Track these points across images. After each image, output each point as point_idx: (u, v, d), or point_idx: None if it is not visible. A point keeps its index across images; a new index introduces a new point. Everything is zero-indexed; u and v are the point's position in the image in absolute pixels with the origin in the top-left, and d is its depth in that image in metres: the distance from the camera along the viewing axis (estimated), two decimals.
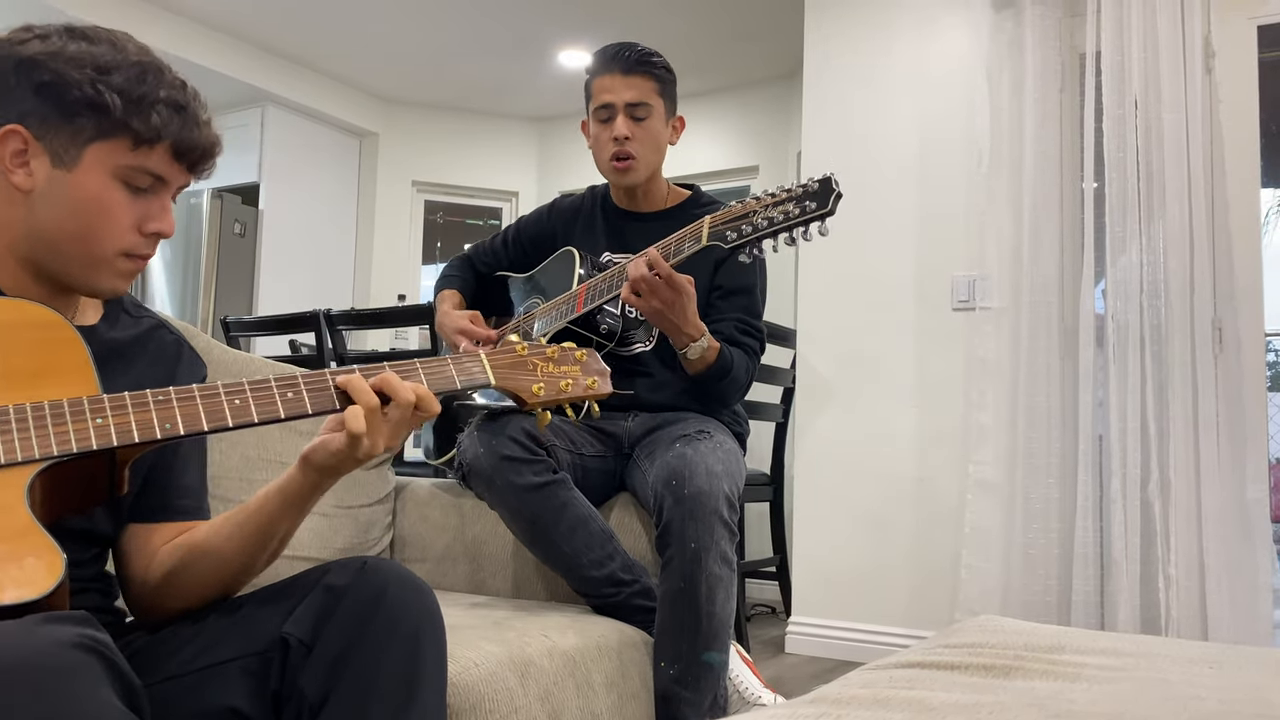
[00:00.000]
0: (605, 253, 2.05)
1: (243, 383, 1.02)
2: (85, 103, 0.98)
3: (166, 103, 1.01)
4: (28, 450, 0.90)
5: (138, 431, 0.94)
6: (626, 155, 1.98)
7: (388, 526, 2.06)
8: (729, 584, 1.63)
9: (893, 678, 0.79)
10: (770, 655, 3.30)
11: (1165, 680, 0.79)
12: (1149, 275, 2.78)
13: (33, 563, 0.86)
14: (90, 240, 1.01)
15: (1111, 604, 2.73)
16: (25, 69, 0.98)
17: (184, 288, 5.00)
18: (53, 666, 0.73)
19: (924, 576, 3.19)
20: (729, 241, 1.61)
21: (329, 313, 3.44)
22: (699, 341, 1.78)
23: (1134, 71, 2.83)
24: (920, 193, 3.33)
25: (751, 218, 1.60)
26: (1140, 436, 2.75)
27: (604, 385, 1.21)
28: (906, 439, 3.27)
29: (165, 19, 4.59)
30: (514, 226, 2.22)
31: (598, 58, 2.03)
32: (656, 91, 2.00)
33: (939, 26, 3.34)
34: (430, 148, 5.82)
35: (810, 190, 1.55)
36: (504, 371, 1.16)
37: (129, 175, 1.01)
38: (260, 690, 0.98)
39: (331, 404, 1.04)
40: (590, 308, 1.84)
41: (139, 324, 1.17)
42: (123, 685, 0.78)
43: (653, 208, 2.09)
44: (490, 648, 1.36)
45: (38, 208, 1.00)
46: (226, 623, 1.03)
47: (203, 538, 1.09)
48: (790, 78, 4.87)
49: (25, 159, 0.99)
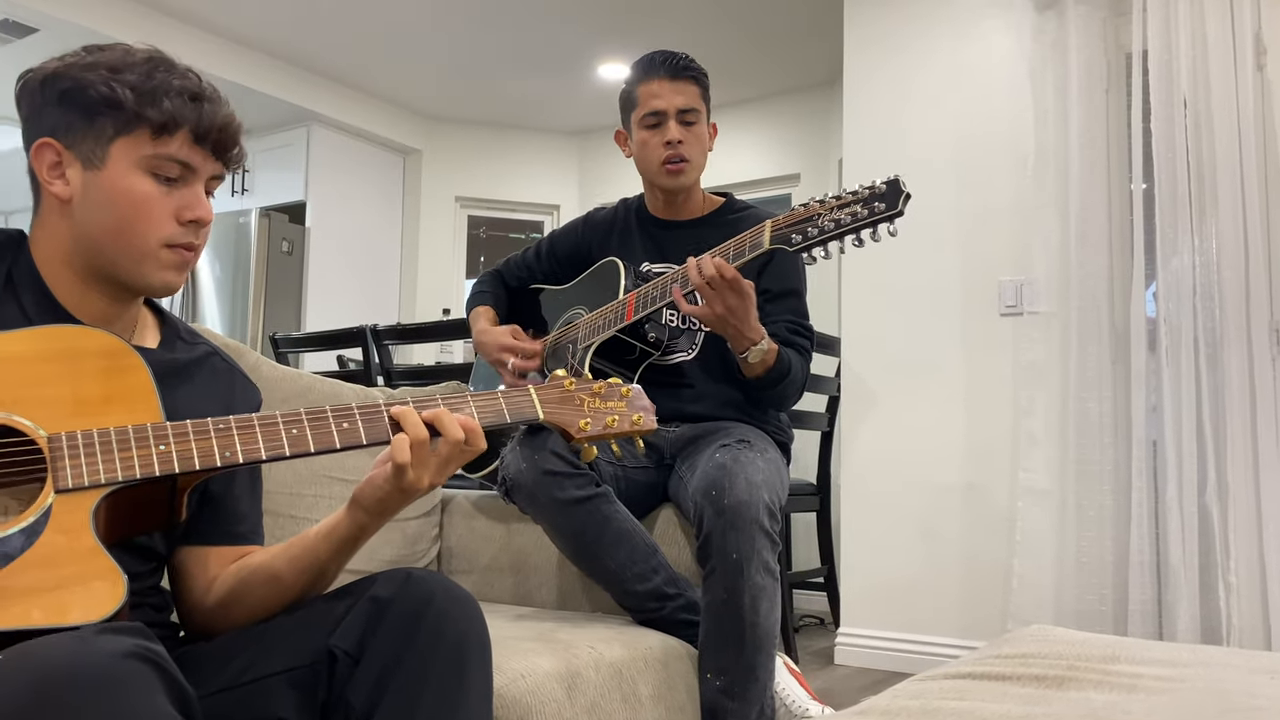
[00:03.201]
0: (645, 263, 2.05)
1: (300, 412, 1.04)
2: (102, 101, 1.02)
3: (179, 91, 1.04)
4: (94, 475, 0.93)
5: (198, 459, 0.97)
6: (680, 159, 2.00)
7: (434, 539, 2.08)
8: (772, 594, 1.62)
9: (943, 689, 0.78)
10: (819, 666, 3.27)
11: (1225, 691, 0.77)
12: (1201, 277, 2.72)
13: (98, 585, 0.88)
14: (130, 234, 1.04)
15: (1170, 613, 2.66)
16: (49, 84, 1.04)
17: (233, 306, 5.09)
18: (109, 676, 0.74)
19: (974, 586, 3.14)
20: (794, 245, 1.61)
21: (375, 328, 3.48)
22: (759, 345, 1.77)
23: (1182, 70, 2.78)
24: (964, 197, 3.29)
25: (816, 220, 1.59)
26: (1196, 441, 2.68)
27: (649, 421, 1.23)
28: (955, 447, 3.23)
29: (213, 42, 4.69)
30: (546, 240, 2.23)
31: (641, 66, 2.05)
32: (700, 97, 2.03)
33: (980, 29, 3.30)
34: (472, 163, 5.88)
35: (878, 192, 1.55)
36: (552, 406, 1.18)
37: (155, 165, 1.04)
38: (309, 702, 0.99)
39: (386, 434, 1.05)
40: (640, 316, 1.84)
41: (193, 350, 1.20)
42: (177, 694, 0.80)
43: (690, 215, 2.09)
44: (537, 659, 1.36)
45: (79, 213, 1.04)
46: (275, 635, 1.04)
47: (260, 565, 1.12)
48: (830, 84, 4.85)
49: (61, 169, 1.04)
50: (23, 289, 1.05)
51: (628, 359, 1.93)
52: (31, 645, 0.76)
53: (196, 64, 1.10)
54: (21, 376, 0.95)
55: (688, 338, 1.98)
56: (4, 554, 0.87)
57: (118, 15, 4.29)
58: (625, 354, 1.92)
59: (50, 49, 1.08)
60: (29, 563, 0.87)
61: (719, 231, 2.02)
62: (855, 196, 1.57)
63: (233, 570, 1.13)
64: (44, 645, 0.76)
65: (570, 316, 2.06)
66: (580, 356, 1.90)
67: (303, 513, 1.77)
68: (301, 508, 1.77)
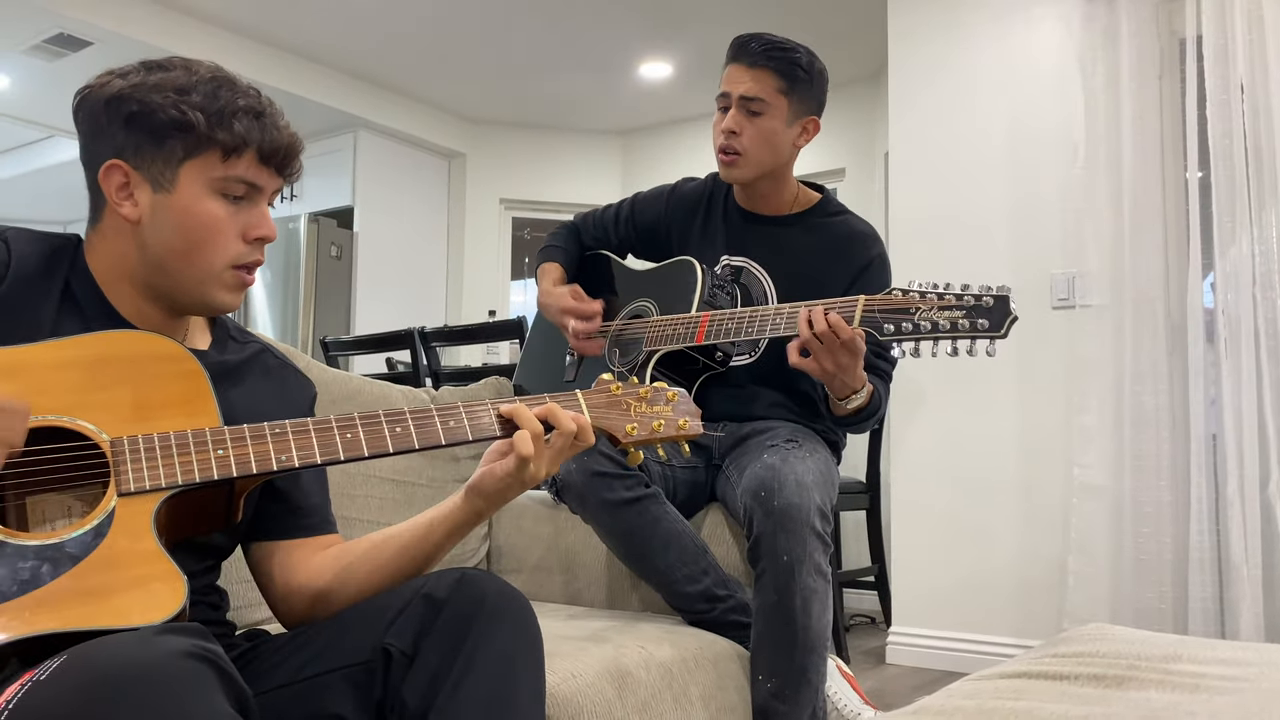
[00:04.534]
0: (723, 255, 1.98)
1: (354, 416, 1.06)
2: (172, 125, 1.03)
3: (245, 111, 1.06)
4: (155, 479, 0.95)
5: (255, 463, 1.00)
6: (731, 150, 1.89)
7: (484, 537, 2.09)
8: (824, 596, 1.60)
9: (999, 688, 0.77)
10: (871, 666, 3.24)
11: None
12: (1261, 266, 2.65)
13: (159, 587, 0.90)
14: (199, 256, 1.06)
15: (1232, 611, 2.60)
16: (113, 106, 1.04)
17: (284, 310, 5.18)
18: (169, 675, 0.76)
19: (1029, 584, 3.09)
20: (884, 334, 1.55)
21: (423, 330, 3.52)
22: (859, 393, 1.72)
23: (1238, 54, 2.71)
24: (1013, 190, 3.24)
25: (913, 315, 1.53)
26: (1258, 435, 2.62)
27: (695, 426, 1.24)
28: (1007, 443, 3.18)
29: (264, 52, 4.77)
30: (629, 203, 2.12)
31: (731, 45, 1.94)
32: (779, 89, 1.87)
33: (1027, 18, 3.25)
34: (516, 165, 5.92)
35: (984, 305, 1.49)
36: (600, 411, 1.20)
37: (224, 186, 1.06)
38: (364, 700, 1.00)
39: (437, 439, 1.08)
40: (710, 343, 1.79)
41: (245, 349, 1.22)
42: (235, 694, 0.81)
43: (777, 211, 1.98)
44: (587, 659, 1.36)
45: (147, 235, 1.05)
46: (331, 633, 1.06)
47: (365, 553, 1.16)
48: (875, 78, 4.80)
49: (129, 191, 1.05)
50: (82, 297, 1.07)
51: (689, 368, 1.89)
52: (92, 645, 0.78)
53: (247, 74, 1.12)
54: (82, 381, 0.97)
55: (749, 344, 1.92)
56: (71, 555, 0.89)
57: (169, 28, 4.37)
58: (688, 364, 1.88)
59: (104, 64, 1.10)
60: (94, 564, 0.89)
61: (806, 235, 1.95)
62: (960, 302, 1.50)
63: (330, 561, 1.17)
64: (105, 645, 0.77)
65: (637, 309, 1.98)
66: (643, 361, 1.87)
67: (354, 514, 1.79)
68: (353, 509, 1.80)
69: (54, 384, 0.96)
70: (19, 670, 0.80)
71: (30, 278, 1.04)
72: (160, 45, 4.31)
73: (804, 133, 1.95)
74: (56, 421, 0.95)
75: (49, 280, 1.05)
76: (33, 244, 1.06)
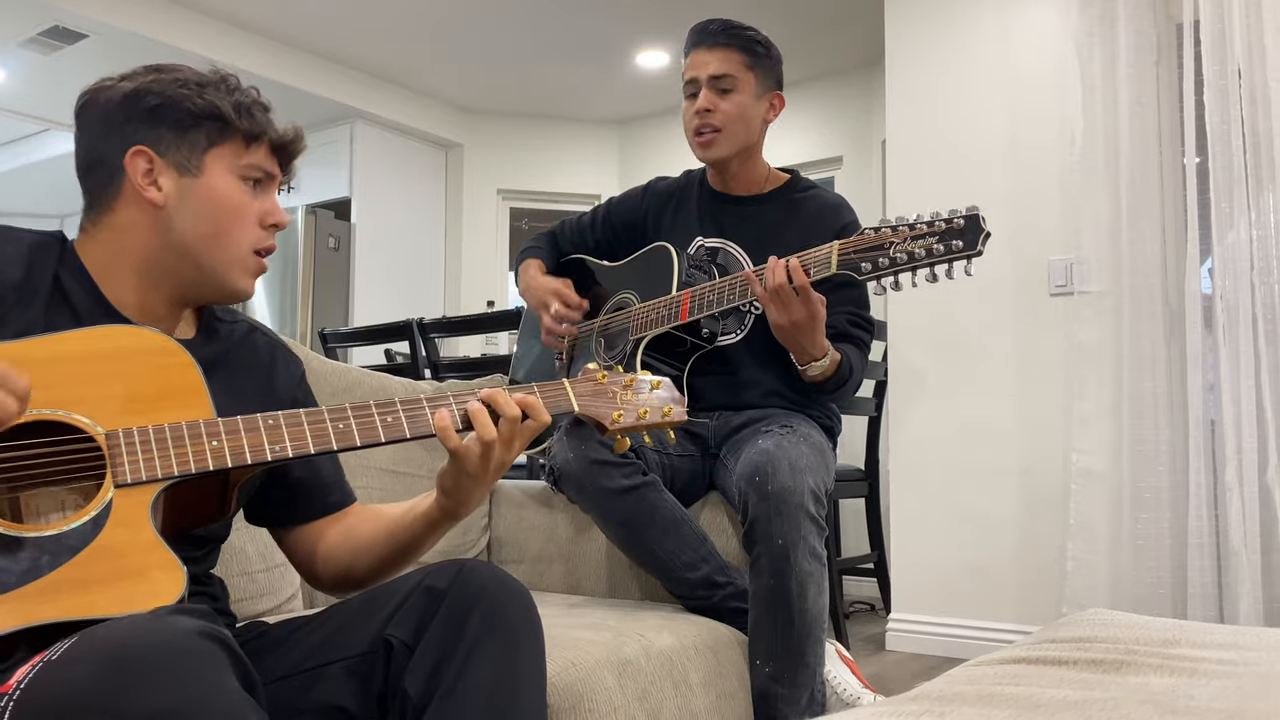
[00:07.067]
0: (698, 238, 2.00)
1: (345, 406, 1.08)
2: (200, 113, 1.08)
3: (256, 104, 1.12)
4: (151, 470, 0.96)
5: (250, 454, 1.01)
6: (708, 128, 1.92)
7: (484, 529, 2.10)
8: (820, 579, 1.61)
9: (998, 674, 0.77)
10: (871, 653, 3.25)
11: None
12: (1260, 251, 2.65)
13: (159, 575, 0.91)
14: (226, 238, 1.10)
15: (1231, 596, 2.61)
16: (131, 102, 1.07)
17: (282, 302, 5.17)
18: (183, 650, 0.77)
19: (1028, 570, 3.10)
20: (863, 273, 1.55)
21: (421, 321, 3.51)
22: (820, 361, 1.76)
23: (1236, 39, 2.70)
24: (1011, 176, 3.24)
25: (888, 249, 1.53)
26: (1256, 420, 2.62)
27: (680, 413, 1.27)
28: (1006, 429, 3.18)
29: (260, 43, 4.74)
30: (604, 207, 2.16)
31: (688, 35, 1.99)
32: (744, 64, 1.93)
33: (1023, 3, 3.24)
34: (513, 156, 5.90)
35: (956, 227, 1.49)
36: (586, 399, 1.23)
37: (247, 172, 1.11)
38: (366, 691, 1.00)
39: (427, 428, 1.10)
40: (695, 319, 1.81)
41: (233, 331, 1.22)
42: (243, 675, 0.82)
43: (750, 191, 2.02)
44: (588, 648, 1.37)
45: (173, 219, 1.08)
46: (332, 625, 1.06)
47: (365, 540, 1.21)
48: (872, 66, 4.79)
49: (153, 176, 1.08)
50: (72, 291, 1.06)
51: (678, 350, 1.91)
52: (104, 625, 0.79)
53: (243, 65, 1.15)
54: (76, 375, 0.98)
55: (737, 318, 1.94)
56: (70, 546, 0.90)
57: (165, 20, 4.34)
58: (676, 346, 1.90)
59: (99, 56, 1.11)
60: (93, 555, 0.90)
61: (779, 211, 1.98)
62: (931, 228, 1.50)
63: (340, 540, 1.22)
64: (118, 624, 0.78)
65: (620, 302, 2.01)
66: (631, 349, 1.88)
67: None
68: None
69: (45, 379, 0.96)
70: (28, 657, 0.81)
71: (13, 276, 1.03)
72: (156, 37, 4.30)
73: (771, 108, 2.00)
74: (51, 415, 0.95)
75: (36, 277, 1.05)
76: (11, 243, 1.06)
